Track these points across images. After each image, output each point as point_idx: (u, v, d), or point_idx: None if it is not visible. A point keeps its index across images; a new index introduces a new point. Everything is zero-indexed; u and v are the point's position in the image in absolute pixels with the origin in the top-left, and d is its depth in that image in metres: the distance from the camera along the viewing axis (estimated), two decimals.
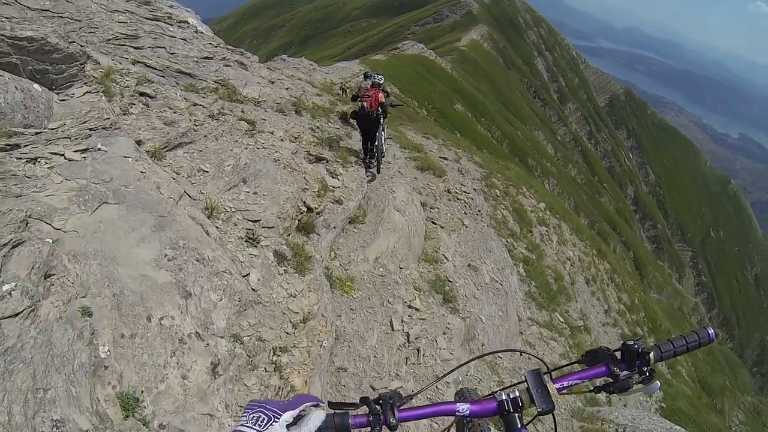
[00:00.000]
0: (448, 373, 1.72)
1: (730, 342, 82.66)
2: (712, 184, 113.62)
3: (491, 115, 63.53)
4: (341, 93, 25.37)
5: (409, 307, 7.46)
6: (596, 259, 20.72)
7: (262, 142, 7.38)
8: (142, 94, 6.27)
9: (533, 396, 1.32)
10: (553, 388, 1.34)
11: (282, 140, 7.81)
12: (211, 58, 9.55)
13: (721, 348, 62.78)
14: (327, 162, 8.59)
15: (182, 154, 5.94)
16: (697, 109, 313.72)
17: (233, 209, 5.75)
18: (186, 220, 4.58)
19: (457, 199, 11.84)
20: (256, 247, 5.47)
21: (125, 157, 4.57)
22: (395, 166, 10.74)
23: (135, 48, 7.85)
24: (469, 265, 9.53)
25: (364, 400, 1.25)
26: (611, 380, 1.37)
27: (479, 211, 11.97)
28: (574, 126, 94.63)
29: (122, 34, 7.84)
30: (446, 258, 9.27)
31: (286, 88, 12.40)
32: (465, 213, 11.45)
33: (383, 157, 10.16)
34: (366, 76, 10.37)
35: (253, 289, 4.90)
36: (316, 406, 1.18)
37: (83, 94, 4.87)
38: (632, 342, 1.38)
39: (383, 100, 9.78)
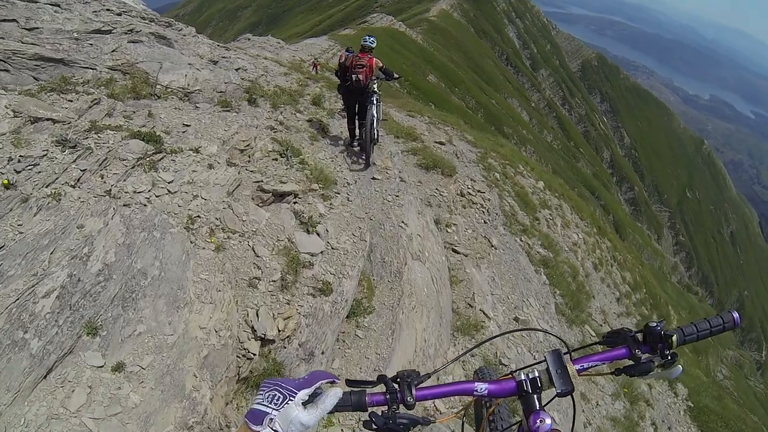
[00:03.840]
0: (465, 353, 1.58)
1: (710, 299, 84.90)
2: (686, 145, 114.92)
3: (465, 85, 63.08)
4: (313, 70, 23.29)
5: None
6: (598, 239, 19.16)
7: (168, 180, 4.19)
8: None
9: (552, 377, 1.27)
10: (573, 369, 1.28)
11: (212, 166, 4.67)
12: (109, 32, 6.50)
13: (702, 305, 64.00)
14: (295, 198, 5.18)
15: None
16: (668, 72, 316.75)
17: None
18: None
19: (472, 203, 9.14)
20: None
21: None
22: (395, 169, 7.97)
23: None
24: (516, 319, 7.03)
25: (382, 378, 1.23)
26: (632, 363, 1.31)
27: (497, 214, 9.57)
28: (547, 92, 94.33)
29: None
30: (486, 314, 6.63)
31: (237, 69, 9.45)
32: (485, 222, 8.87)
33: (376, 144, 8.07)
34: (348, 51, 8.23)
35: None
36: (332, 383, 1.14)
37: None
38: (655, 324, 1.32)
39: (381, 65, 7.88)
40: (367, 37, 8.04)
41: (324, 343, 4.15)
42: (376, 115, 7.85)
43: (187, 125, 5.23)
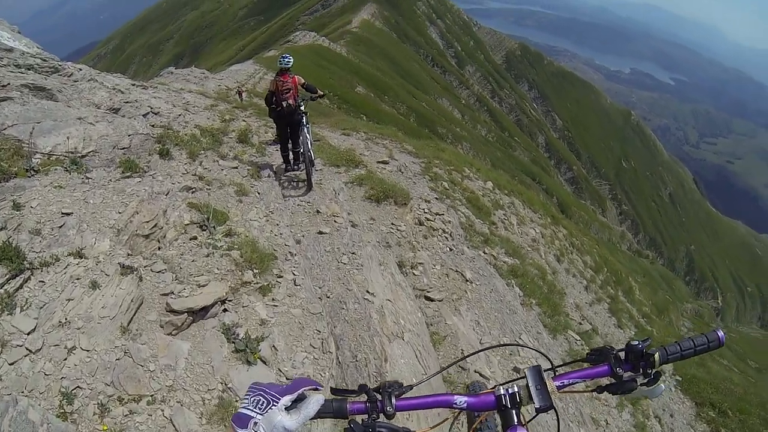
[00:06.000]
0: (449, 366, 1.62)
1: (660, 259, 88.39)
2: (615, 119, 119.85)
3: (394, 91, 63.99)
4: (239, 98, 22.34)
5: None
6: (554, 229, 19.00)
7: (27, 330, 2.75)
8: None
9: (531, 392, 1.27)
10: (552, 385, 1.27)
11: (96, 284, 3.22)
12: None
13: (655, 266, 66.28)
14: (224, 305, 3.81)
15: None
16: (588, 53, 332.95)
17: None
18: None
19: (433, 230, 8.05)
20: None
21: None
22: (343, 213, 6.71)
23: None
24: (515, 369, 5.90)
25: (363, 388, 1.23)
26: (614, 381, 1.30)
27: (460, 235, 8.54)
28: (476, 87, 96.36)
29: None
30: (482, 375, 5.42)
31: (145, 114, 7.91)
32: (451, 250, 7.83)
33: (313, 165, 7.95)
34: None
35: None
36: (315, 389, 1.15)
37: None
38: (637, 342, 1.31)
39: (303, 81, 8.12)
40: (282, 59, 8.03)
41: None
42: (309, 136, 7.96)
43: (68, 213, 3.84)
